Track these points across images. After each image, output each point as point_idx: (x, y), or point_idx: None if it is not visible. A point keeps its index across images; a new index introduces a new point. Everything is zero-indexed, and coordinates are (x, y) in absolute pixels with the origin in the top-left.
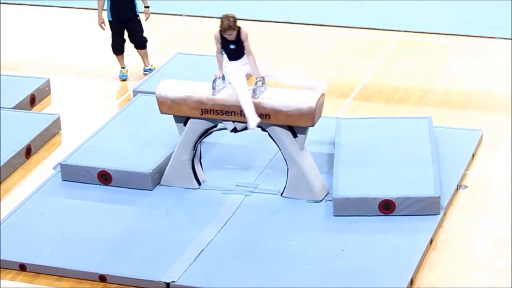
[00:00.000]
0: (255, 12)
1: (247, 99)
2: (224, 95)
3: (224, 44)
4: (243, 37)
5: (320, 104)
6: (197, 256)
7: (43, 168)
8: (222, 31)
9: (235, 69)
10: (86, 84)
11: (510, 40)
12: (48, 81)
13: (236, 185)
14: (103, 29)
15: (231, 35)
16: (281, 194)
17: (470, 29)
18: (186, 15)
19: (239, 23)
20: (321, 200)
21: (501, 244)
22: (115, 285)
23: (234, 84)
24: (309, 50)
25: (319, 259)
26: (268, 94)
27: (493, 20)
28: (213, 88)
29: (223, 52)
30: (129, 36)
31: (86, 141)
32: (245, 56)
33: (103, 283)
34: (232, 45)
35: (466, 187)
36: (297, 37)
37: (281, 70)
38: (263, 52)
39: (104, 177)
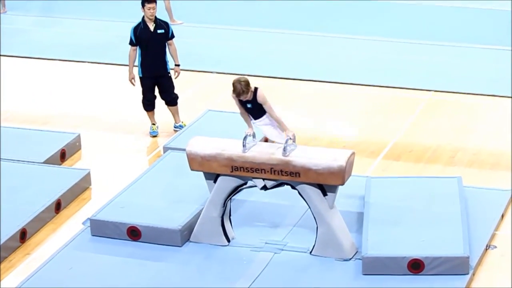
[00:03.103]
0: (286, 70)
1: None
2: (254, 153)
3: (242, 104)
4: (260, 100)
5: (350, 163)
6: None
7: (73, 223)
8: (236, 96)
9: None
10: (116, 139)
11: None
12: (78, 136)
13: (266, 243)
14: (133, 84)
15: (245, 98)
16: (310, 252)
17: (500, 89)
18: (217, 72)
19: (250, 81)
20: (350, 259)
21: None
22: None
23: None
24: (339, 108)
25: None
26: (298, 152)
27: None
28: (244, 146)
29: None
30: (160, 92)
31: (116, 197)
32: (265, 116)
33: None
34: (249, 104)
35: (495, 247)
36: (327, 95)
37: None
38: (294, 110)
39: (134, 233)
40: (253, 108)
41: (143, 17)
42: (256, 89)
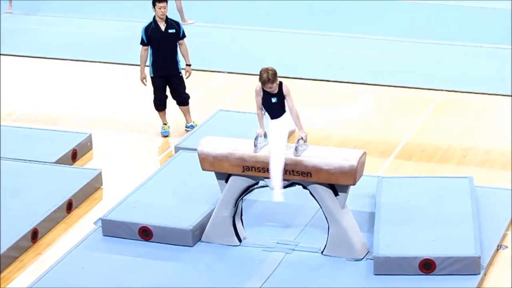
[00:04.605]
0: (298, 70)
1: (279, 166)
2: (265, 153)
3: (266, 97)
4: (285, 91)
5: (361, 163)
6: None
7: (84, 223)
8: (262, 84)
9: (277, 129)
10: (127, 139)
11: None
12: (90, 136)
13: (277, 243)
14: (145, 84)
15: (271, 88)
16: (322, 252)
17: (510, 88)
18: (228, 72)
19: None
20: (362, 259)
21: None
22: None
23: (273, 146)
24: (350, 108)
25: None
26: (309, 152)
27: None
28: (255, 146)
29: (264, 111)
30: (171, 92)
31: (127, 197)
32: (286, 113)
33: None
34: (274, 98)
35: (507, 247)
36: (338, 94)
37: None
38: (305, 109)
39: (145, 233)
40: (277, 102)
41: (154, 16)
42: (281, 82)
